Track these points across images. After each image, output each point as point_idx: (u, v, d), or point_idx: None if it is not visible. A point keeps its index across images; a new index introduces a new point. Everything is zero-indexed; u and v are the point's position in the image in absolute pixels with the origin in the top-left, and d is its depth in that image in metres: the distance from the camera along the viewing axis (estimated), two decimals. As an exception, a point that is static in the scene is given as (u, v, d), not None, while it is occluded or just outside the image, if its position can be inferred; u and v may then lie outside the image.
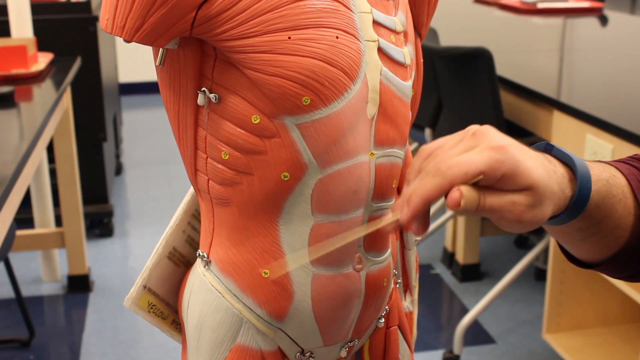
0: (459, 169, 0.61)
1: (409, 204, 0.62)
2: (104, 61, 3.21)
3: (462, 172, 0.61)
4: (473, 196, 0.61)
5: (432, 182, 0.61)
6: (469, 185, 0.61)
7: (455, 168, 0.61)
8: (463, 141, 0.64)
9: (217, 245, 0.87)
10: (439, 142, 0.65)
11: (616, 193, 0.70)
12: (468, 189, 0.61)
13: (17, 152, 1.65)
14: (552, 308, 2.19)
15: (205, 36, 0.77)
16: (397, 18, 0.87)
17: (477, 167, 0.61)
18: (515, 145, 0.63)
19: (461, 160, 0.61)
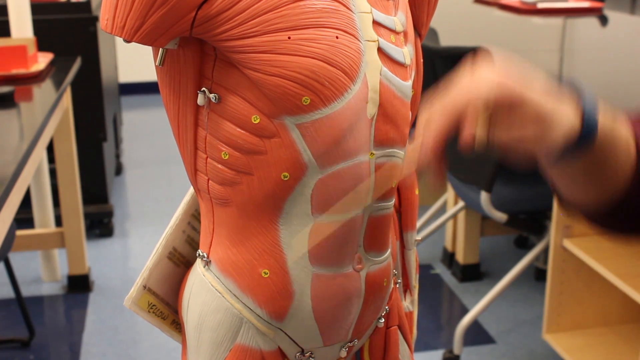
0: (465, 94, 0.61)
1: (425, 141, 0.62)
2: (104, 61, 3.21)
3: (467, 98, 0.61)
4: (483, 132, 0.62)
5: (443, 114, 0.62)
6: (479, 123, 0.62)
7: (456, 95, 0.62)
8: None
9: (217, 245, 0.87)
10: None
11: (619, 142, 0.70)
12: (479, 126, 0.62)
13: (17, 152, 1.65)
14: (552, 308, 2.19)
15: (205, 36, 0.77)
16: (397, 18, 0.86)
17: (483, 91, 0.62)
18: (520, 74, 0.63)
19: (462, 88, 0.62)
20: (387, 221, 0.91)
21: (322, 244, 0.85)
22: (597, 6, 3.50)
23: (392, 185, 0.90)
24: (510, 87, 0.62)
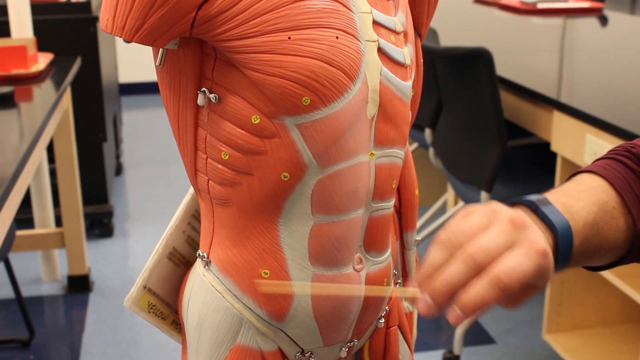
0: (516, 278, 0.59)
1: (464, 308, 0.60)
2: (104, 61, 3.21)
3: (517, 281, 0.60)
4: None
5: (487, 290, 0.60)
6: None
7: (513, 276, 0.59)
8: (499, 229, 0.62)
9: (217, 245, 0.87)
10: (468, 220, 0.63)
11: (603, 226, 0.71)
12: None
13: (17, 152, 1.65)
14: (552, 308, 2.19)
15: (205, 36, 0.77)
16: (397, 18, 0.87)
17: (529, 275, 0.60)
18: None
19: (516, 268, 0.60)
20: (387, 221, 0.91)
21: (322, 244, 0.85)
22: (597, 6, 3.50)
23: (392, 185, 0.90)
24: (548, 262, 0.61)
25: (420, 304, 0.63)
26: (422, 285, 0.63)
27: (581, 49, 2.77)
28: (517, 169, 2.39)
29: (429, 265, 0.63)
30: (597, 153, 1.82)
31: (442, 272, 0.62)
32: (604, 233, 0.70)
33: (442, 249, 0.63)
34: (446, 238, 0.63)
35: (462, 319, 0.61)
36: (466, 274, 0.61)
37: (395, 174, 0.89)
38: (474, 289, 0.60)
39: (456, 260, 0.61)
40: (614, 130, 1.75)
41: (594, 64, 2.50)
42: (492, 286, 0.60)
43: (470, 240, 0.62)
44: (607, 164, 0.76)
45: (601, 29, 3.21)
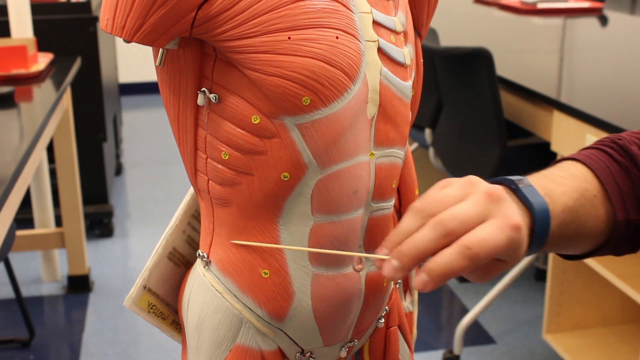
0: (486, 249, 0.59)
1: (430, 274, 0.60)
2: (104, 61, 3.21)
3: (487, 252, 0.59)
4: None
5: (455, 258, 0.59)
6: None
7: (483, 246, 0.59)
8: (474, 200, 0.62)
9: (217, 245, 0.87)
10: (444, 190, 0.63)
11: (582, 213, 0.70)
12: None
13: (17, 152, 1.65)
14: (552, 308, 2.19)
15: (205, 36, 0.77)
16: (397, 18, 0.87)
17: (500, 247, 0.60)
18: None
19: (487, 238, 0.59)
20: (387, 221, 0.91)
21: (322, 244, 0.85)
22: (597, 6, 3.50)
23: (392, 185, 0.90)
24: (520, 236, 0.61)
25: (387, 266, 0.62)
26: (390, 249, 0.63)
27: (581, 49, 2.77)
28: (517, 169, 2.39)
29: (399, 230, 0.63)
30: (597, 153, 1.81)
31: (411, 237, 0.61)
32: (582, 220, 0.70)
33: (415, 216, 0.63)
34: (420, 206, 0.63)
35: (428, 285, 0.60)
36: (435, 240, 0.60)
37: (395, 174, 0.89)
38: (443, 255, 0.60)
39: (426, 227, 0.61)
40: (614, 130, 1.75)
41: (594, 64, 2.50)
42: (461, 255, 0.59)
43: (444, 209, 0.62)
44: (591, 154, 0.76)
45: (601, 29, 3.21)
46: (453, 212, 0.61)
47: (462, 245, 0.59)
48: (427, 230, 0.61)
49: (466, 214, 0.61)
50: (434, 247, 0.60)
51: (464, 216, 0.61)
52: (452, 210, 0.61)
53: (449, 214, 0.61)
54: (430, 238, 0.61)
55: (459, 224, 0.60)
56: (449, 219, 0.60)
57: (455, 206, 0.61)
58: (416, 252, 0.61)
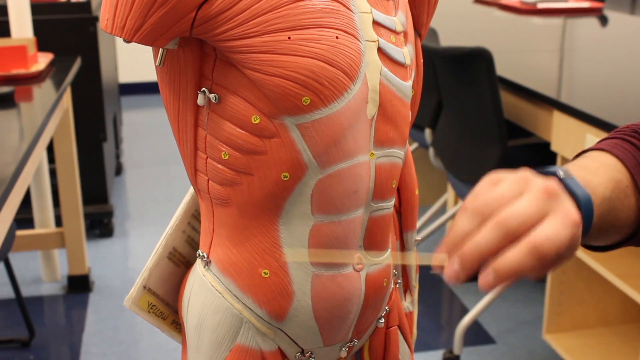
0: (554, 247, 0.58)
1: (498, 275, 0.59)
2: (104, 61, 3.21)
3: (555, 251, 0.58)
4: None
5: (524, 258, 0.58)
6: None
7: (551, 245, 0.58)
8: (533, 197, 0.61)
9: (217, 245, 0.87)
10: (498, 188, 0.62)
11: (618, 204, 0.70)
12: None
13: (17, 152, 1.65)
14: (552, 308, 2.19)
15: (205, 36, 0.77)
16: (397, 18, 0.87)
17: (564, 244, 0.59)
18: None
19: (553, 236, 0.58)
20: (387, 221, 0.91)
21: (322, 244, 0.85)
22: (597, 6, 3.50)
23: (392, 185, 0.90)
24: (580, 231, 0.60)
25: (448, 269, 0.61)
26: (449, 252, 0.61)
27: (581, 49, 2.77)
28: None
29: (456, 232, 0.61)
30: (597, 153, 1.81)
31: (471, 239, 0.60)
32: (617, 211, 0.70)
33: (470, 217, 0.61)
34: (475, 205, 0.61)
35: (493, 285, 0.59)
36: (498, 241, 0.59)
37: (395, 174, 0.89)
38: (511, 255, 0.59)
39: (487, 227, 0.60)
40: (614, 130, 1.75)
41: (594, 64, 2.50)
42: (529, 254, 0.58)
43: (502, 207, 0.60)
44: (616, 143, 0.75)
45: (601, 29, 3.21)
46: (514, 212, 0.60)
47: (531, 245, 0.58)
48: (489, 231, 0.60)
49: (527, 212, 0.60)
50: (496, 248, 0.59)
51: (525, 215, 0.60)
52: (512, 209, 0.60)
53: (509, 213, 0.60)
54: (493, 239, 0.59)
55: (520, 224, 0.59)
56: (510, 219, 0.59)
57: (514, 205, 0.60)
58: (479, 254, 0.60)
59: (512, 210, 0.60)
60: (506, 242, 0.59)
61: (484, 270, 0.60)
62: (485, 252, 0.60)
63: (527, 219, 0.59)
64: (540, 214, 0.60)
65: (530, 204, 0.60)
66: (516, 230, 0.59)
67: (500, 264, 0.59)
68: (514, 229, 0.59)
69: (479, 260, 0.60)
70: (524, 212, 0.60)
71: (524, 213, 0.60)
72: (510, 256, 0.59)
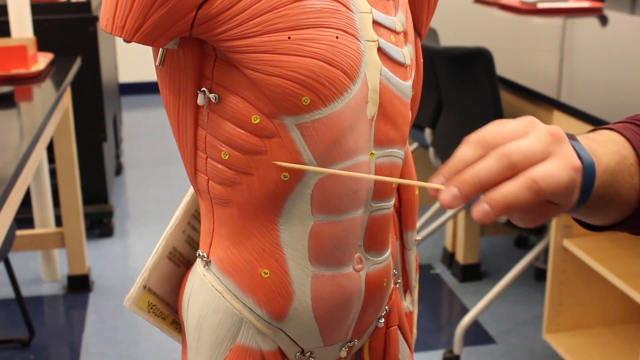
0: (551, 184, 0.59)
1: (493, 204, 0.59)
2: (104, 61, 3.21)
3: (552, 188, 0.59)
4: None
5: (521, 190, 0.59)
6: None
7: (549, 181, 0.59)
8: (538, 136, 0.61)
9: (217, 245, 0.87)
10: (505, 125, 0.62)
11: (620, 179, 0.70)
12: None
13: (17, 152, 1.65)
14: (552, 308, 2.19)
15: (205, 36, 0.77)
16: (397, 18, 0.87)
17: (562, 186, 0.59)
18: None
19: (553, 174, 0.59)
20: (387, 221, 0.91)
21: (322, 244, 0.85)
22: (597, 6, 3.50)
23: (392, 185, 0.90)
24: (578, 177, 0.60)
25: (445, 194, 0.60)
26: (448, 178, 0.61)
27: (581, 49, 2.77)
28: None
29: (457, 159, 0.62)
30: (597, 153, 1.82)
31: (473, 166, 0.60)
32: (619, 186, 0.70)
33: (474, 147, 0.61)
34: (479, 137, 0.62)
35: (488, 215, 0.59)
36: (499, 171, 0.59)
37: (395, 173, 0.89)
38: (508, 186, 0.59)
39: (490, 157, 0.60)
40: (614, 130, 1.74)
41: (594, 64, 2.50)
42: (527, 187, 0.59)
43: (507, 141, 0.61)
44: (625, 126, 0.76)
45: (601, 29, 3.21)
46: (519, 145, 0.60)
47: (529, 177, 0.59)
48: (491, 160, 0.60)
49: (531, 148, 0.60)
50: (496, 178, 0.60)
51: (529, 150, 0.60)
52: (517, 143, 0.60)
53: (514, 146, 0.60)
54: (494, 168, 0.60)
55: (523, 158, 0.60)
56: (514, 152, 0.60)
57: (519, 140, 0.61)
58: (479, 181, 0.60)
59: (517, 144, 0.60)
60: (507, 173, 0.60)
61: (478, 199, 0.60)
62: (484, 180, 0.60)
63: (531, 154, 0.60)
64: (543, 153, 0.61)
65: (535, 142, 0.61)
66: (518, 163, 0.60)
67: (496, 194, 0.59)
68: (516, 162, 0.60)
69: (477, 187, 0.60)
70: (529, 147, 0.60)
71: (528, 149, 0.60)
72: (508, 187, 0.59)
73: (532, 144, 0.61)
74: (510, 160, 0.60)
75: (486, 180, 0.60)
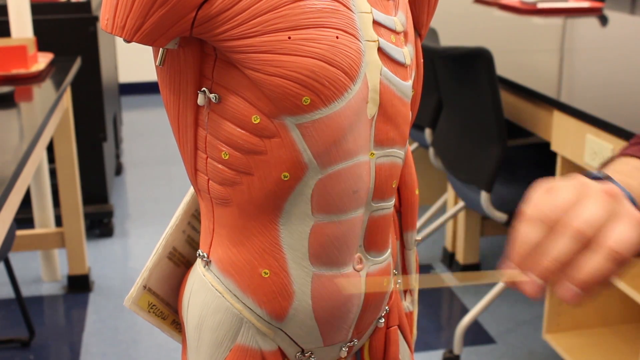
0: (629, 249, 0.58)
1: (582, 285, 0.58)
2: (104, 61, 3.21)
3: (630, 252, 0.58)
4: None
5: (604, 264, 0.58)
6: None
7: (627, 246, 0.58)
8: (598, 200, 0.60)
9: (217, 245, 0.87)
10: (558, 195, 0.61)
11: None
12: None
13: (17, 152, 1.65)
14: (552, 308, 2.19)
15: (206, 36, 0.77)
16: (397, 18, 0.87)
17: (636, 244, 0.58)
18: None
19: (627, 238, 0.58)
20: (387, 221, 0.91)
21: (322, 244, 0.85)
22: (597, 6, 3.50)
23: (393, 185, 0.90)
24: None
25: (529, 286, 0.60)
26: (522, 266, 0.60)
27: (581, 49, 2.77)
28: (517, 169, 2.39)
29: (525, 243, 0.60)
30: (597, 153, 1.82)
31: (547, 250, 0.59)
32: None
33: (536, 226, 0.60)
34: (539, 214, 0.60)
35: (579, 297, 0.59)
36: (576, 248, 0.58)
37: (396, 173, 0.89)
38: (591, 263, 0.58)
39: (562, 236, 0.59)
40: (614, 130, 1.75)
41: (594, 64, 2.50)
42: (609, 259, 0.58)
43: (569, 213, 0.59)
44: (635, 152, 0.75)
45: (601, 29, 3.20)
46: (585, 217, 0.59)
47: (609, 249, 0.58)
48: (565, 240, 0.59)
49: (597, 216, 0.59)
50: (574, 256, 0.59)
51: (596, 219, 0.59)
52: (583, 214, 0.59)
53: (583, 220, 0.59)
54: (570, 247, 0.58)
55: (595, 229, 0.59)
56: (585, 225, 0.58)
57: (582, 209, 0.59)
58: (559, 265, 0.59)
59: (584, 217, 0.59)
60: (582, 248, 0.59)
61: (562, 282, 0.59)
62: (564, 262, 0.59)
63: (599, 223, 0.59)
64: (608, 217, 0.59)
65: (598, 208, 0.59)
66: (591, 236, 0.58)
67: (582, 274, 0.58)
68: (589, 236, 0.58)
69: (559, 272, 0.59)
70: (595, 216, 0.59)
71: (595, 217, 0.59)
72: (591, 264, 0.58)
73: (596, 210, 0.59)
74: (583, 235, 0.58)
75: (565, 262, 0.59)
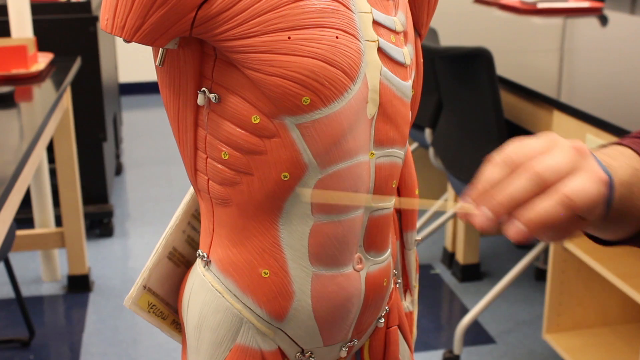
0: (583, 199, 0.59)
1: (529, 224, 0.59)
2: (104, 61, 3.21)
3: (584, 203, 0.59)
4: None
5: (555, 207, 0.59)
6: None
7: (581, 196, 0.59)
8: (564, 152, 0.61)
9: (217, 245, 0.87)
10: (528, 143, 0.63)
11: (636, 191, 0.70)
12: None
13: (17, 152, 1.65)
14: (552, 308, 2.19)
15: (205, 36, 0.77)
16: (397, 18, 0.87)
17: (592, 200, 0.59)
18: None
19: (584, 189, 0.59)
20: (387, 221, 0.91)
21: (322, 244, 0.85)
22: (597, 6, 3.50)
23: (392, 185, 0.90)
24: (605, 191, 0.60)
25: (479, 217, 0.61)
26: (478, 200, 0.62)
27: (581, 49, 2.77)
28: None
29: (484, 180, 0.62)
30: (597, 153, 1.82)
31: (503, 187, 0.61)
32: (635, 199, 0.70)
33: (500, 167, 0.62)
34: (505, 157, 0.62)
35: (523, 234, 0.60)
36: (531, 189, 0.60)
37: (395, 173, 0.89)
38: (542, 205, 0.59)
39: (520, 176, 0.60)
40: (614, 130, 1.75)
41: (594, 64, 2.50)
42: (560, 203, 0.59)
43: (534, 159, 0.61)
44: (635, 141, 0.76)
45: (601, 29, 3.21)
46: (547, 162, 0.61)
47: (562, 194, 0.59)
48: (522, 179, 0.60)
49: (559, 164, 0.61)
50: (527, 197, 0.60)
51: (558, 166, 0.60)
52: (545, 160, 0.61)
53: (543, 164, 0.60)
54: (526, 187, 0.60)
55: (553, 175, 0.60)
56: (544, 169, 0.60)
57: (546, 157, 0.61)
58: (512, 201, 0.60)
59: (545, 161, 0.61)
60: (538, 191, 0.60)
61: (511, 220, 0.60)
62: (517, 200, 0.60)
63: (560, 170, 0.60)
64: (571, 168, 0.61)
65: (562, 157, 0.61)
66: (549, 180, 0.60)
67: (531, 214, 0.60)
68: (547, 180, 0.60)
69: (510, 208, 0.60)
70: (557, 164, 0.61)
71: (557, 165, 0.60)
72: (542, 205, 0.59)
73: (560, 160, 0.61)
74: (541, 178, 0.60)
75: (519, 200, 0.60)
